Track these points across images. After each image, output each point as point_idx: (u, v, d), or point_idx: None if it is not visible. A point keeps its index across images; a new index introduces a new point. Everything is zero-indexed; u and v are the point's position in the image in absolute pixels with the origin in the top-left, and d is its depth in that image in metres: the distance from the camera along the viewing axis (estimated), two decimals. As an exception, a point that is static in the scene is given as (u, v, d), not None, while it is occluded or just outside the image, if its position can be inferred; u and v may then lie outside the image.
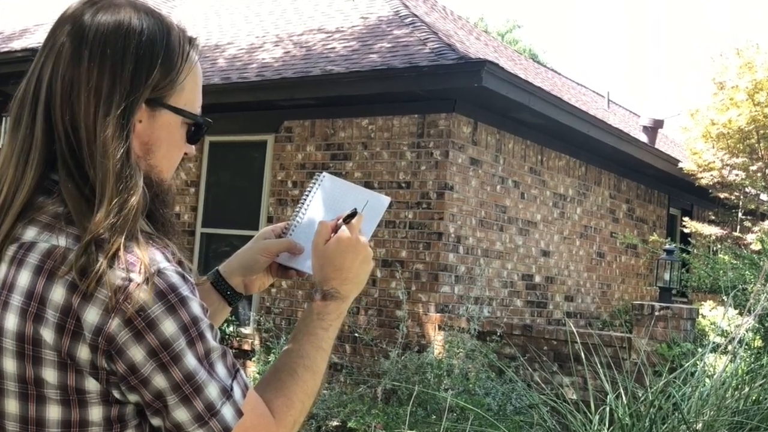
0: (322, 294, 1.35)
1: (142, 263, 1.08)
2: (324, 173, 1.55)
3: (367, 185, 8.02)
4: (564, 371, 6.57)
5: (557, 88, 12.05)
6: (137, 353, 1.06)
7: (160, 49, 1.19)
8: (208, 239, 9.11)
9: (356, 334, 7.65)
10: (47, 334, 1.06)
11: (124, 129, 1.14)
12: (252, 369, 7.82)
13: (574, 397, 5.94)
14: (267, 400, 1.20)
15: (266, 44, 9.87)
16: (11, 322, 1.08)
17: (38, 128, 1.15)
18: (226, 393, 1.13)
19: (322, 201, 1.52)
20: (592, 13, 66.18)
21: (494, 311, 8.36)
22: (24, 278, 1.09)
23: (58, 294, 1.07)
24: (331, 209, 1.50)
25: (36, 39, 10.22)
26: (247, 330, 8.54)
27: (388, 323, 7.68)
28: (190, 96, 1.24)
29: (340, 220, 1.40)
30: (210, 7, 12.71)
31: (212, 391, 1.11)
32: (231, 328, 8.43)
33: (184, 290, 1.10)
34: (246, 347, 8.30)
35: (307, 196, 1.52)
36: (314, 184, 1.53)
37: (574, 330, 5.56)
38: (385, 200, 1.52)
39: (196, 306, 1.11)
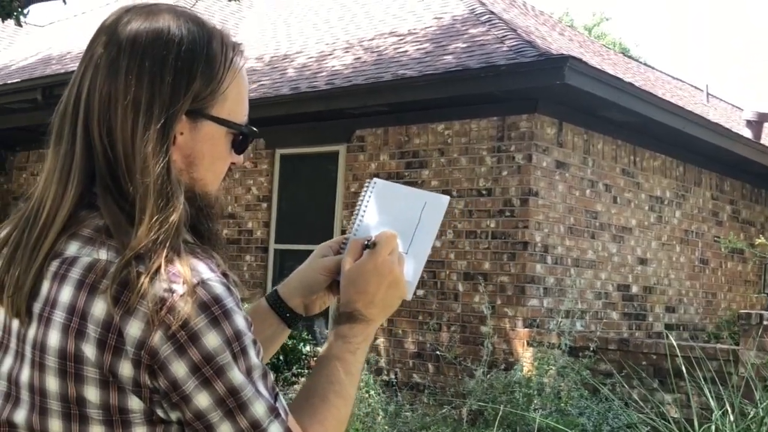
0: (346, 316, 1.35)
1: (184, 274, 1.08)
2: (375, 179, 1.53)
3: (445, 193, 7.95)
4: (665, 388, 6.38)
5: (650, 83, 11.78)
6: (180, 368, 1.07)
7: (200, 58, 1.18)
8: (281, 255, 9.22)
9: (437, 352, 7.59)
10: (89, 350, 1.07)
11: (164, 143, 1.15)
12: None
13: (677, 415, 5.75)
14: (302, 426, 1.20)
15: (336, 51, 9.96)
16: (54, 338, 1.10)
17: (78, 143, 1.17)
18: (275, 411, 1.12)
19: (377, 208, 1.49)
20: (686, 2, 64.68)
21: (588, 325, 8.18)
22: (66, 294, 1.10)
23: (99, 308, 1.08)
24: (388, 215, 1.48)
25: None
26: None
27: (472, 340, 7.61)
28: (233, 105, 1.23)
29: (369, 240, 1.38)
30: (278, 16, 12.92)
31: (259, 409, 1.11)
32: (308, 348, 8.49)
33: (229, 302, 1.10)
34: (324, 368, 8.33)
35: (360, 205, 1.50)
36: (366, 191, 1.50)
37: (674, 343, 5.39)
38: (445, 200, 1.49)
39: (240, 319, 1.11)
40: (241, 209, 9.58)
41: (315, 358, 8.48)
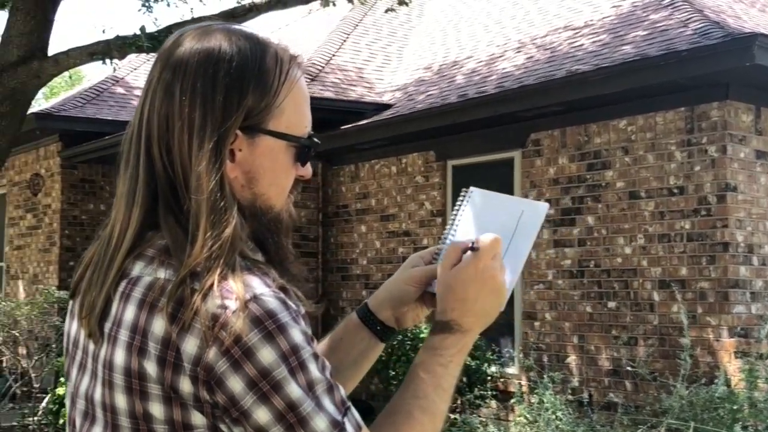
0: (440, 326, 1.37)
1: (237, 290, 1.16)
2: (472, 188, 1.55)
3: (632, 195, 7.78)
4: None
5: None
6: (236, 384, 1.13)
7: (251, 74, 1.26)
8: (462, 273, 9.26)
9: (628, 368, 7.38)
10: (150, 367, 1.17)
11: (217, 160, 1.23)
12: (518, 412, 7.80)
13: None
14: None
15: (507, 52, 9.96)
16: (120, 357, 1.20)
17: (141, 165, 1.27)
18: (338, 426, 1.17)
19: (473, 218, 1.52)
20: None
21: (806, 332, 7.69)
22: (129, 313, 1.21)
23: (158, 326, 1.17)
24: (484, 225, 1.49)
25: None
26: (511, 370, 8.55)
27: (672, 354, 7.34)
28: (291, 117, 1.30)
29: (470, 244, 1.39)
30: (449, 21, 13.07)
31: (320, 424, 1.15)
32: (494, 368, 8.49)
33: (284, 317, 1.16)
34: (512, 389, 8.31)
35: (456, 214, 1.53)
36: (462, 200, 1.53)
37: None
38: (543, 208, 1.51)
39: (297, 333, 1.16)
40: (415, 225, 9.74)
41: (502, 380, 8.48)
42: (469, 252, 1.38)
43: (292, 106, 1.30)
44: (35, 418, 8.90)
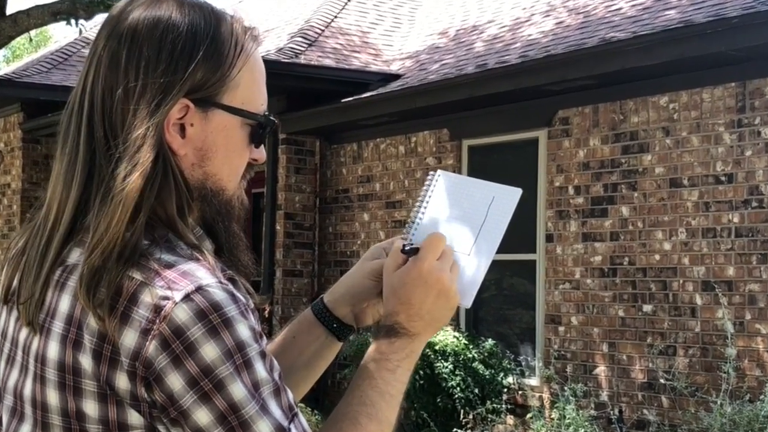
0: (385, 329, 1.44)
1: (181, 280, 1.22)
2: (439, 171, 1.62)
3: (673, 182, 7.81)
4: None
5: None
6: (176, 381, 1.19)
7: (202, 43, 1.32)
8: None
9: (662, 381, 7.42)
10: (86, 362, 1.23)
11: (156, 131, 1.29)
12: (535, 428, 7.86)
13: None
14: None
15: (534, 16, 10.00)
16: (53, 350, 1.26)
17: (82, 140, 1.33)
18: (282, 431, 1.23)
19: (441, 204, 1.59)
20: None
21: None
22: (64, 303, 1.27)
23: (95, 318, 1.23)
24: (452, 213, 1.57)
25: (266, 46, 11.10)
26: (532, 381, 8.60)
27: (716, 366, 7.38)
28: (247, 92, 1.37)
29: (406, 248, 1.48)
30: (470, -21, 13.09)
31: (263, 429, 1.21)
32: (511, 379, 8.54)
33: (231, 310, 1.22)
34: (532, 402, 8.37)
35: (423, 200, 1.59)
36: (429, 184, 1.60)
37: None
38: (515, 192, 1.58)
39: (243, 329, 1.22)
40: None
41: (521, 392, 8.54)
42: (411, 259, 1.46)
43: (248, 81, 1.37)
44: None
